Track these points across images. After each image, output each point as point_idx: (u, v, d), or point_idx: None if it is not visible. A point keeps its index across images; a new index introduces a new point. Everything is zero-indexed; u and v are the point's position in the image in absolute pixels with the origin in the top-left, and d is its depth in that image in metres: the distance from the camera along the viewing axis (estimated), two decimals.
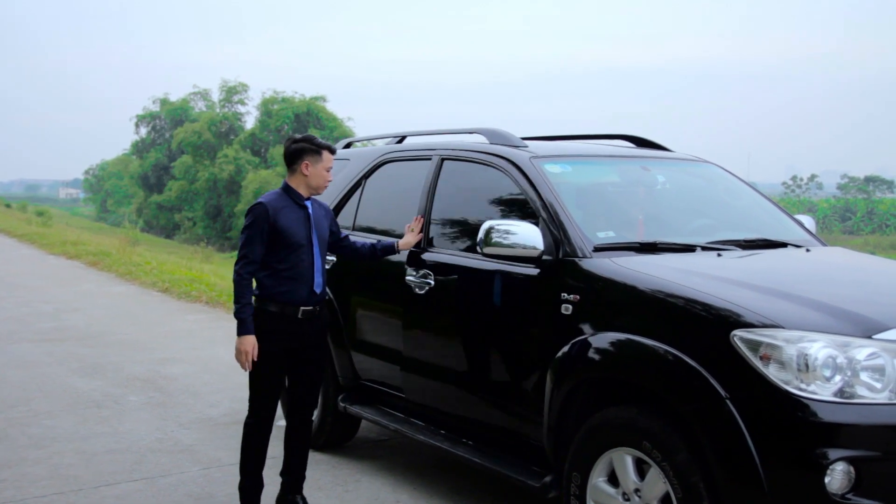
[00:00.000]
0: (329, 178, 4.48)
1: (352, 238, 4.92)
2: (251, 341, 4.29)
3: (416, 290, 4.76)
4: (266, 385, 4.44)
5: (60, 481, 5.12)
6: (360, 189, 5.69)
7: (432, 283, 4.70)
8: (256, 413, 4.47)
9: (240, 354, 4.31)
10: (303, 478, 4.66)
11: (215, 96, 59.99)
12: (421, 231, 4.88)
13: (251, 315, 4.31)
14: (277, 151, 51.40)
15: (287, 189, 4.46)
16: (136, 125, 64.99)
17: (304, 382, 4.58)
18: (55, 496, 4.89)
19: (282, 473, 4.66)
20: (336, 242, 4.77)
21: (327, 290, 4.81)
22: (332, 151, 4.52)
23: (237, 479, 5.19)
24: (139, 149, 65.93)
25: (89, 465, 5.41)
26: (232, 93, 57.93)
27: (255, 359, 4.31)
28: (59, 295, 12.89)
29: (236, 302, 4.33)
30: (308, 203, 4.48)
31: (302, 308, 4.39)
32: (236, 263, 4.35)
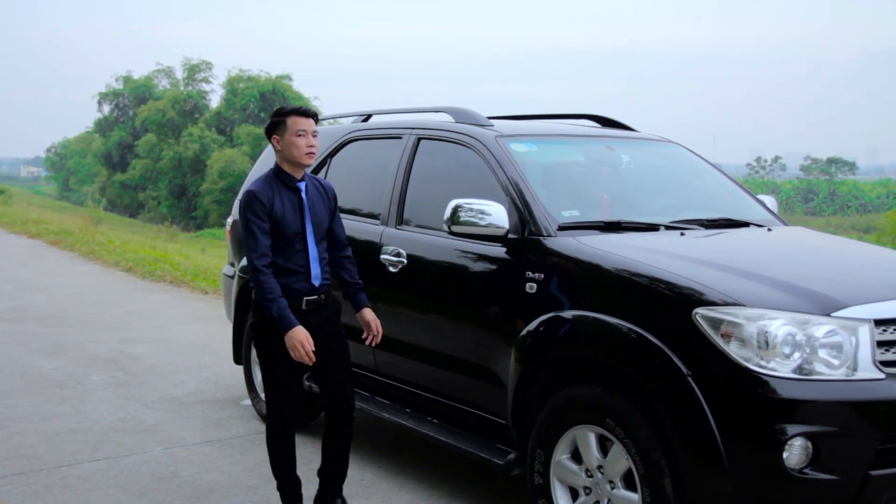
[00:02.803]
0: (303, 143, 3.98)
1: (347, 256, 4.31)
2: (301, 333, 3.85)
3: (390, 268, 4.75)
4: (280, 384, 4.08)
5: (21, 461, 5.07)
6: (326, 168, 5.65)
7: (405, 261, 4.70)
8: (276, 415, 4.13)
9: (295, 350, 3.86)
10: (343, 478, 4.30)
11: (179, 74, 59.28)
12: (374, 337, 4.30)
13: (287, 307, 3.88)
14: (243, 130, 50.96)
15: (276, 171, 4.05)
16: (99, 103, 64.06)
17: (331, 376, 4.15)
18: (15, 476, 4.84)
19: (319, 473, 4.29)
20: (329, 231, 4.21)
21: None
22: (303, 114, 4.03)
23: (201, 458, 5.18)
24: (102, 127, 64.98)
25: (50, 445, 5.36)
26: (195, 71, 57.21)
27: (314, 348, 3.88)
28: (19, 274, 12.71)
29: (265, 301, 3.88)
30: (301, 185, 4.06)
31: (305, 299, 4.00)
32: (248, 262, 3.95)
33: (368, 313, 4.27)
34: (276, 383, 4.09)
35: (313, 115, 4.08)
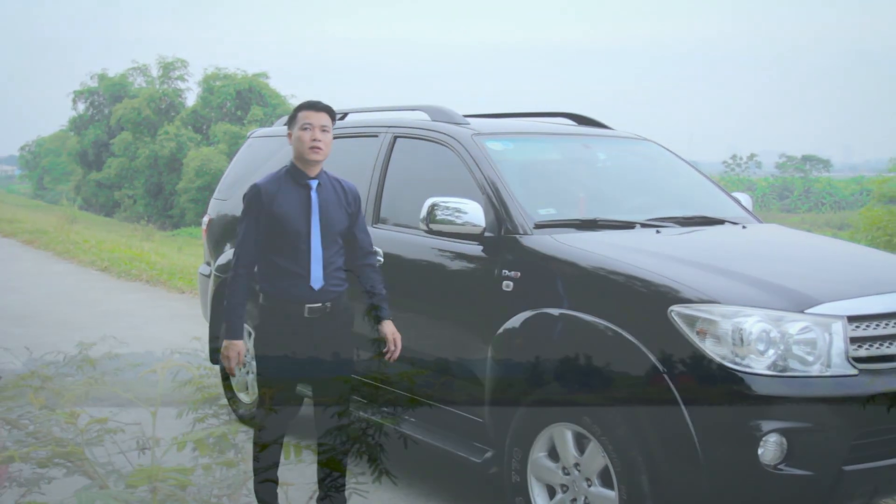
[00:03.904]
0: (308, 137, 3.76)
1: (369, 264, 4.05)
2: (237, 347, 3.82)
3: None
4: (275, 386, 3.91)
5: None
6: None
7: (382, 259, 4.68)
8: (267, 416, 3.94)
9: (224, 359, 3.87)
10: None
11: (154, 72, 58.85)
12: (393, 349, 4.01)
13: (241, 318, 3.81)
14: (220, 128, 50.65)
15: (289, 167, 3.88)
16: (74, 101, 63.39)
17: (327, 396, 3.92)
18: None
19: None
20: (349, 232, 3.96)
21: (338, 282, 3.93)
22: (311, 107, 3.83)
23: (177, 459, 5.13)
24: (77, 125, 64.35)
25: (22, 448, 5.29)
26: (169, 69, 56.80)
27: (243, 365, 3.83)
28: None
29: (227, 301, 3.84)
30: (314, 182, 3.85)
31: (307, 306, 3.78)
32: (234, 256, 3.86)
33: (388, 327, 3.97)
34: (271, 385, 3.95)
35: (324, 110, 3.85)
